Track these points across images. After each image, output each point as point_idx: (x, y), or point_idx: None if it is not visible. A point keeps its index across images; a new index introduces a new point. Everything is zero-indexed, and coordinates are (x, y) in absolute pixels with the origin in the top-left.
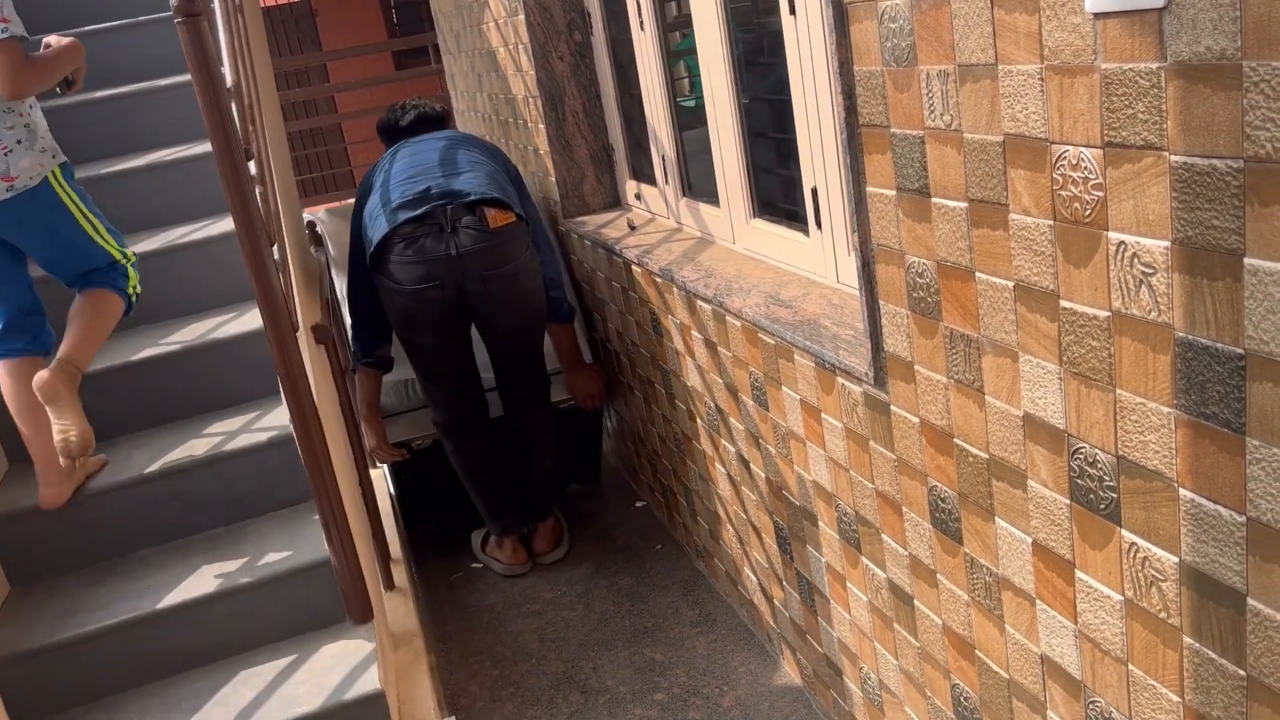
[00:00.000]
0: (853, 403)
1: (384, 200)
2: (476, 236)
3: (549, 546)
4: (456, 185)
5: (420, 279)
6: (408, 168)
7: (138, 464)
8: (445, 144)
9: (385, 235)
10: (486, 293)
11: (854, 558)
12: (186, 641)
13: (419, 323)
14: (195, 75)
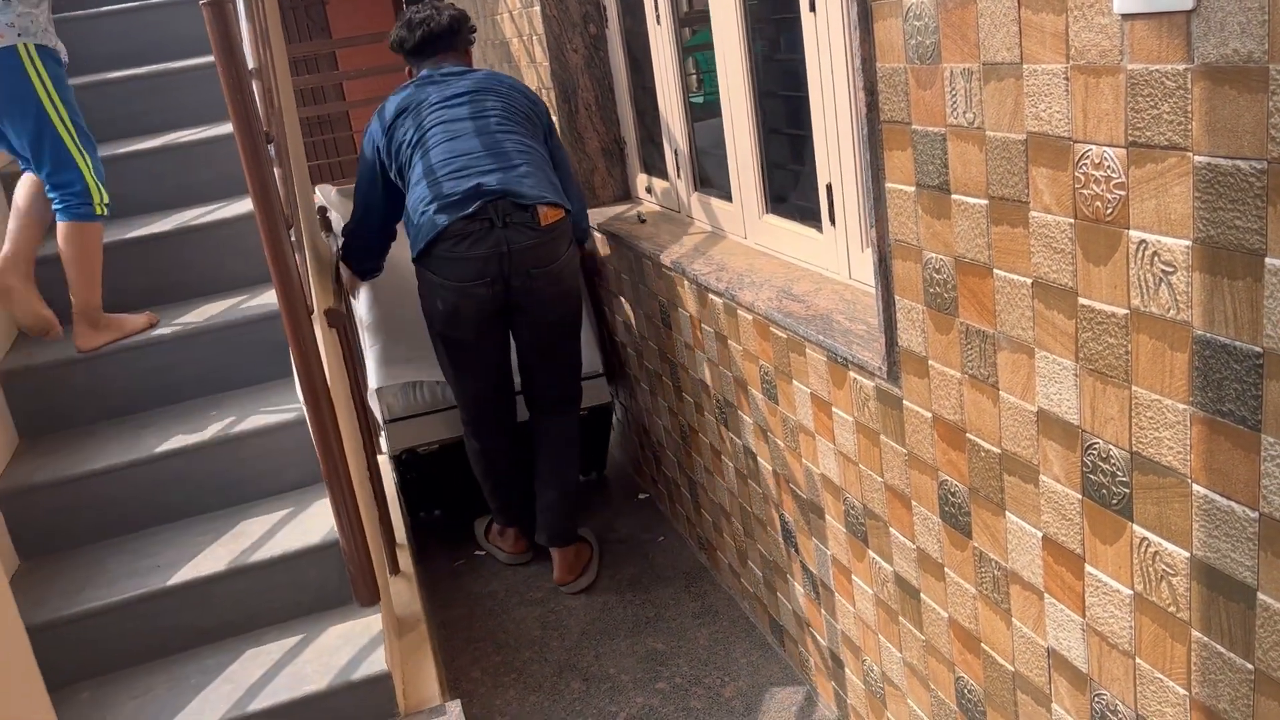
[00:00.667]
0: (864, 397)
1: (431, 195)
2: (529, 234)
3: (571, 574)
4: (510, 185)
5: (470, 276)
6: (449, 155)
7: (148, 443)
8: (482, 114)
9: (436, 236)
10: (531, 288)
11: (860, 551)
12: (195, 619)
13: (464, 319)
14: (219, 58)
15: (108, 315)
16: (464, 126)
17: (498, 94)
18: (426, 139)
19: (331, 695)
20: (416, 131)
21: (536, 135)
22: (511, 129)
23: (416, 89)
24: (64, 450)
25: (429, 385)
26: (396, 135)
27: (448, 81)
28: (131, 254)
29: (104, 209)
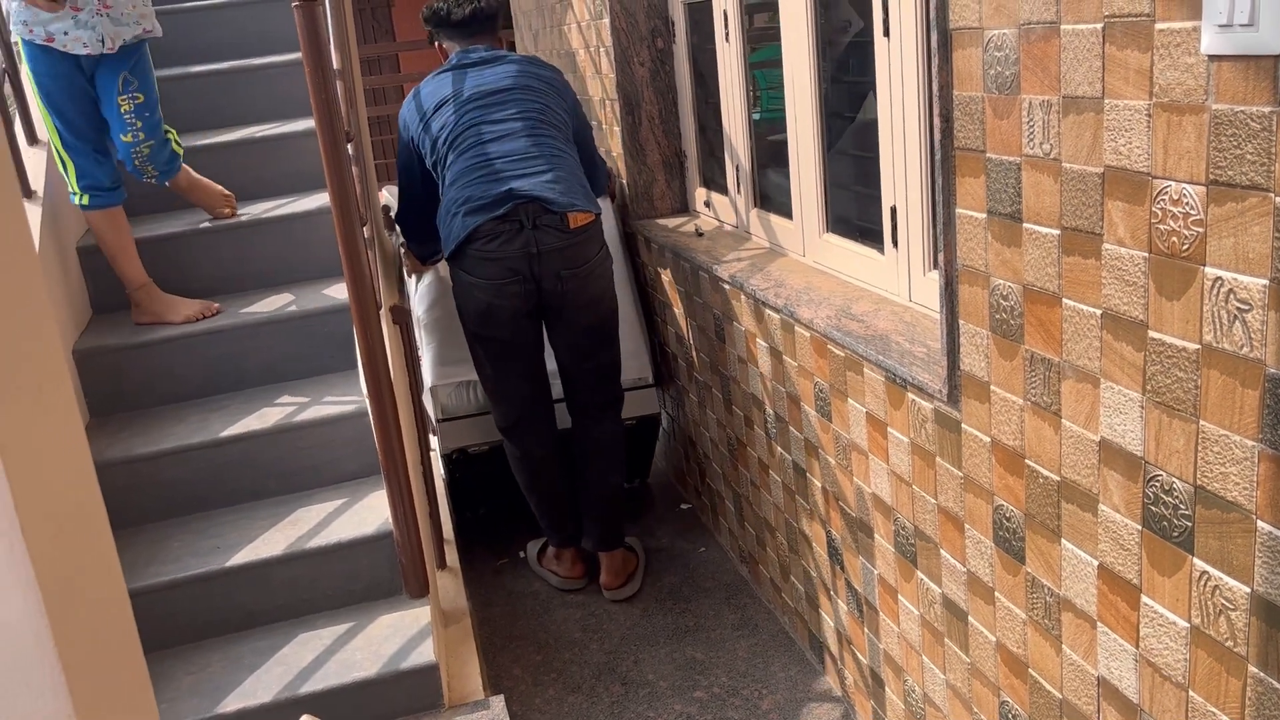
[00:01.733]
0: (922, 419)
1: (464, 197)
2: (557, 236)
3: (617, 581)
4: (541, 191)
5: (501, 275)
6: (483, 158)
7: (214, 427)
8: (519, 116)
9: (467, 236)
10: (562, 291)
11: (908, 571)
12: (251, 600)
13: (497, 317)
14: (307, 57)
15: (167, 297)
16: (500, 129)
17: (534, 92)
18: (462, 139)
19: (380, 683)
20: (453, 129)
21: (568, 134)
22: (546, 132)
23: (454, 77)
24: (133, 430)
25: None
26: (433, 126)
27: (485, 70)
28: (202, 243)
29: (85, 198)
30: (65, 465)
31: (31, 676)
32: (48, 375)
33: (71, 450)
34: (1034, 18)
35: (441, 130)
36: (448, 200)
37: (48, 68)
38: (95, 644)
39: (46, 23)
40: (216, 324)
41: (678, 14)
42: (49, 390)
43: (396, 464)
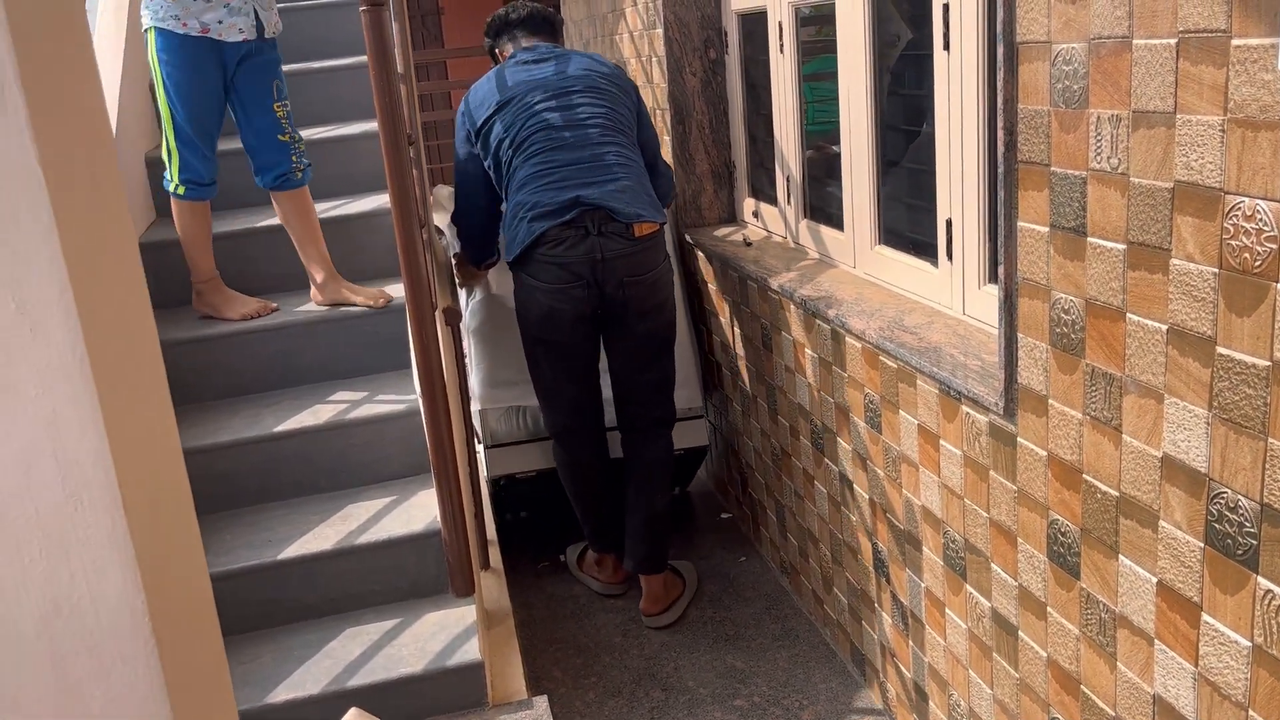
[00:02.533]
0: (976, 431)
1: (530, 203)
2: (622, 243)
3: (659, 607)
4: (607, 200)
5: (564, 279)
6: (549, 165)
7: (267, 422)
8: (585, 123)
9: (533, 241)
10: (624, 298)
11: (957, 585)
12: (301, 594)
13: (557, 321)
14: (373, 60)
15: (229, 292)
16: (566, 136)
17: (600, 94)
18: (528, 145)
19: (426, 679)
20: (518, 134)
21: (634, 137)
22: (612, 138)
23: (515, 75)
24: (188, 422)
25: (532, 411)
26: (495, 128)
27: (548, 67)
28: (261, 242)
29: (181, 188)
30: (160, 451)
31: (126, 649)
32: (146, 364)
33: (165, 437)
34: (1105, 32)
35: (505, 133)
36: (513, 204)
37: (188, 59)
38: (183, 621)
39: (200, 13)
40: (272, 321)
41: (731, 25)
42: (147, 379)
43: (447, 464)
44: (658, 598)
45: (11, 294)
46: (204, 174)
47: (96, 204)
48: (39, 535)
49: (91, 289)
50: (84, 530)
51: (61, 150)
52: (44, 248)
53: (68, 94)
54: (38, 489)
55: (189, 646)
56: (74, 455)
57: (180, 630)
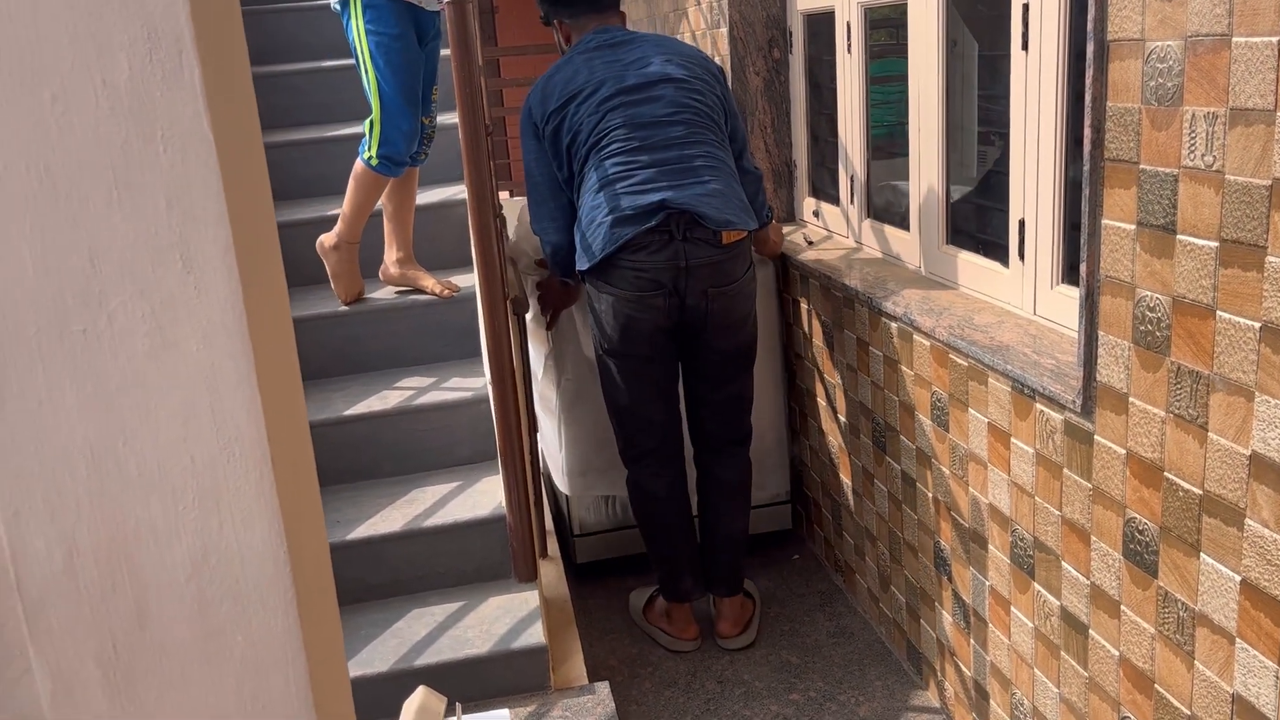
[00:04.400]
0: (1050, 429)
1: (609, 207)
2: (709, 250)
3: (736, 629)
4: (695, 204)
5: (646, 287)
6: (631, 166)
7: (337, 405)
8: (669, 120)
9: (616, 250)
10: (706, 309)
11: (1024, 583)
12: (368, 574)
13: (638, 332)
14: (455, 53)
15: (353, 269)
16: (648, 135)
17: (685, 85)
18: (606, 144)
19: (490, 661)
20: (592, 132)
21: (722, 133)
22: (699, 135)
23: (590, 64)
24: None
25: (622, 500)
26: (566, 124)
27: (625, 54)
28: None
29: (371, 160)
30: (295, 413)
31: (268, 598)
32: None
33: (298, 397)
34: (1203, 30)
35: (580, 128)
36: (589, 208)
37: (397, 26)
38: (312, 575)
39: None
40: (342, 308)
41: (796, 25)
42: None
43: (515, 452)
44: (735, 619)
45: (180, 253)
46: (402, 152)
47: (251, 168)
48: (194, 484)
49: (248, 250)
50: (235, 481)
51: (226, 116)
52: (212, 210)
53: (227, 60)
54: (194, 441)
55: (317, 599)
56: (229, 410)
57: (310, 583)
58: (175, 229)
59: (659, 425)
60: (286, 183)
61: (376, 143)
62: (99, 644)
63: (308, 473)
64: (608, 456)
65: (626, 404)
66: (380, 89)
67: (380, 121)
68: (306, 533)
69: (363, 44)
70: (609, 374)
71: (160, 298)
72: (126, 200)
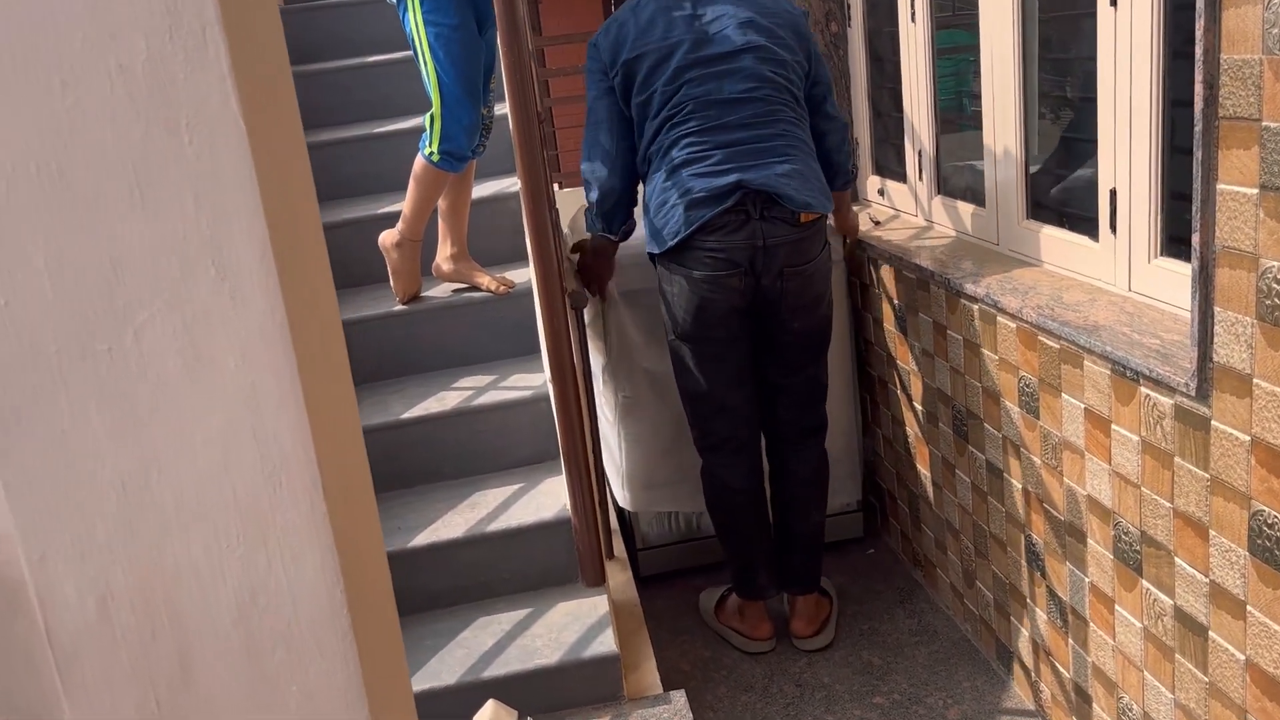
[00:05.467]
0: (1158, 415)
1: (684, 188)
2: (786, 229)
3: (812, 628)
4: (773, 185)
5: (721, 268)
6: (706, 145)
7: (394, 408)
8: (749, 96)
9: (691, 233)
10: (782, 289)
11: (1130, 580)
12: (431, 581)
13: (712, 314)
14: (504, 36)
15: (414, 267)
16: (723, 113)
17: (764, 55)
18: (680, 119)
19: (561, 671)
20: (666, 102)
21: (801, 108)
22: (777, 114)
23: (663, 17)
24: None
25: (685, 514)
26: (637, 85)
27: (701, 13)
28: (367, 229)
29: (432, 156)
30: (349, 429)
31: (324, 641)
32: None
33: (351, 415)
34: None
35: (653, 97)
36: (659, 189)
37: (455, 15)
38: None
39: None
40: (397, 308)
41: None
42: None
43: (578, 452)
44: (811, 618)
45: (212, 258)
46: (464, 147)
47: (290, 159)
48: (237, 519)
49: (289, 252)
50: (283, 514)
51: (259, 101)
52: (245, 206)
53: (258, 37)
54: (236, 469)
55: (379, 638)
56: (273, 433)
57: (372, 621)
58: (205, 231)
59: (735, 412)
60: (331, 182)
61: (438, 138)
62: (139, 697)
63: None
64: (669, 470)
65: (703, 390)
66: (440, 82)
67: (441, 116)
68: (365, 567)
69: (421, 36)
70: (682, 360)
71: (192, 310)
72: (150, 200)
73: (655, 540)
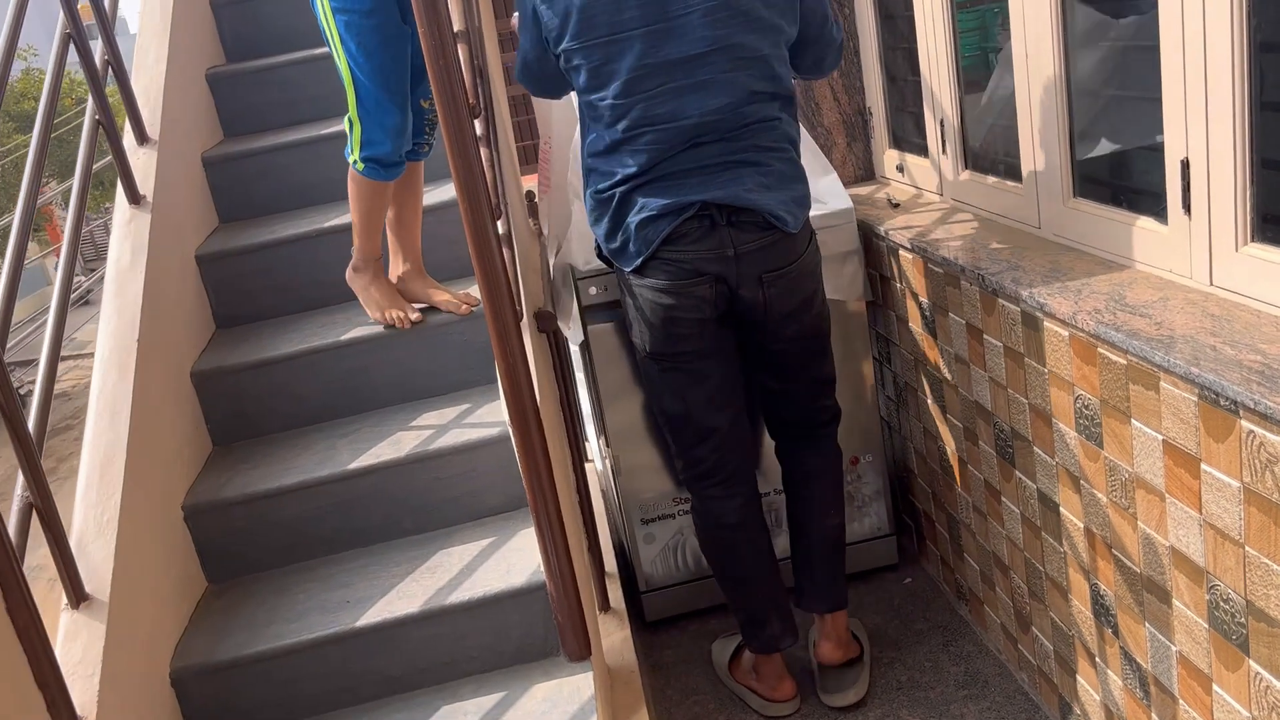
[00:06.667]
0: (1268, 458)
1: (638, 205)
2: (757, 235)
3: (841, 654)
4: (743, 200)
5: (684, 275)
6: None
7: (342, 457)
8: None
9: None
10: (764, 299)
11: (1234, 658)
12: (385, 665)
13: (680, 328)
14: (420, 13)
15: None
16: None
17: (737, 57)
18: (636, 144)
19: None
20: (619, 119)
21: (788, 97)
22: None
23: None
24: (255, 461)
25: (693, 547)
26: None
27: None
28: (326, 244)
29: (360, 164)
30: None
31: None
32: None
33: None
34: None
35: (600, 102)
36: (604, 188)
37: (364, 4)
38: None
39: None
40: (340, 336)
41: None
42: None
43: (547, 507)
44: (842, 640)
45: None
46: (389, 152)
47: None
48: None
49: None
50: None
51: None
52: None
53: None
54: None
55: None
56: None
57: None
58: None
59: (720, 435)
60: (277, 192)
61: (358, 143)
62: None
63: None
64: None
65: (680, 413)
66: (355, 79)
67: (359, 118)
68: None
69: (331, 25)
70: (653, 381)
71: None
72: None
73: (660, 581)
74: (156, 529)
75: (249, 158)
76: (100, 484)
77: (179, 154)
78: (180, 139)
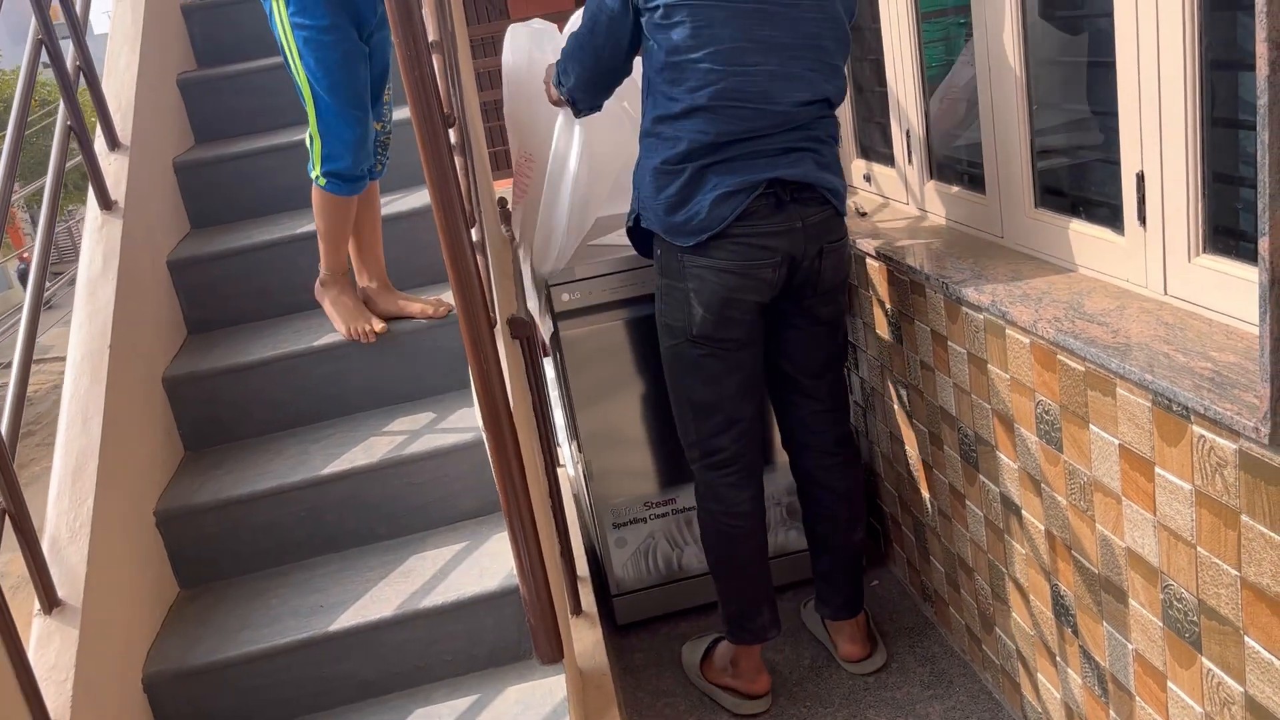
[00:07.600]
0: (1217, 462)
1: (710, 184)
2: (818, 209)
3: (863, 650)
4: (808, 178)
5: (755, 257)
6: (744, 134)
7: (315, 462)
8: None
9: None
10: (817, 269)
11: (1188, 657)
12: (359, 669)
13: (735, 310)
14: (395, 24)
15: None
16: (773, 109)
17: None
18: (720, 105)
19: None
20: (704, 78)
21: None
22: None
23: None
24: (228, 466)
25: (662, 550)
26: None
27: None
28: (296, 249)
29: (322, 179)
30: None
31: None
32: None
33: None
34: None
35: (698, 46)
36: (674, 159)
37: (322, 18)
38: None
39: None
40: (313, 342)
41: None
42: None
43: (521, 512)
44: (861, 638)
45: None
46: (350, 166)
47: None
48: None
49: None
50: None
51: None
52: None
53: None
54: None
55: None
56: None
57: None
58: None
59: (743, 425)
60: (258, 198)
61: (319, 158)
62: None
63: None
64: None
65: (712, 400)
66: (314, 94)
67: (320, 133)
68: None
69: (290, 41)
70: (686, 367)
71: None
72: None
73: (631, 585)
74: (129, 534)
75: (220, 163)
76: (73, 489)
77: (150, 159)
78: (151, 144)
